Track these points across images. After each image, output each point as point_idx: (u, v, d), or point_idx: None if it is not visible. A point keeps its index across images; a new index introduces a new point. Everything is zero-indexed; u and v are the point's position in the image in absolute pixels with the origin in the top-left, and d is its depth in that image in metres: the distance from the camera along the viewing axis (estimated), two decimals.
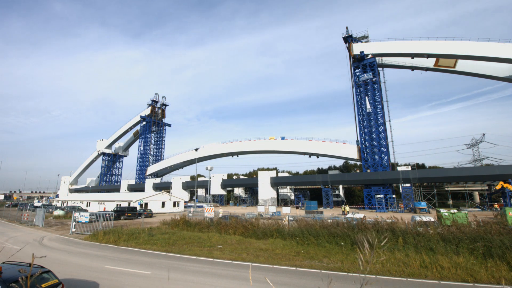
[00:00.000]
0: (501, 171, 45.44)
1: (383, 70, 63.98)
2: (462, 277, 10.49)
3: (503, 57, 43.60)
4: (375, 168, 55.95)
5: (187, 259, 14.23)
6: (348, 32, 62.34)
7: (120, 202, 48.50)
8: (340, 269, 11.87)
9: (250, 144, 77.87)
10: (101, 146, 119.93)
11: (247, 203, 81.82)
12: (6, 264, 7.26)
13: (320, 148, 65.79)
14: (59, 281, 7.45)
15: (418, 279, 10.49)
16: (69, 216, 36.06)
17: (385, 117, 59.32)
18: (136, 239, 18.96)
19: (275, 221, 22.33)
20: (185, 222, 23.87)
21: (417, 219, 20.56)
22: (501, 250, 12.11)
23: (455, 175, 49.64)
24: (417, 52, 52.95)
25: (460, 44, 48.02)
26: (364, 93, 60.08)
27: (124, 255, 15.26)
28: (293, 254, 14.48)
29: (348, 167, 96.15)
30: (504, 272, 10.64)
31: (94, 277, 10.72)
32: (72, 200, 64.41)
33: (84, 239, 20.41)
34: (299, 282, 10.32)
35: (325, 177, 61.36)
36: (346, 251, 14.43)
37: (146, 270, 12.02)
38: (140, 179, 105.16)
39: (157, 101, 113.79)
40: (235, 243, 17.36)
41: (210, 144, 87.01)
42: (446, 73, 58.18)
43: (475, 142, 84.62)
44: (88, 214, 28.94)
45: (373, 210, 52.18)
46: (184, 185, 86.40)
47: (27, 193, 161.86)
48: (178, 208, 54.45)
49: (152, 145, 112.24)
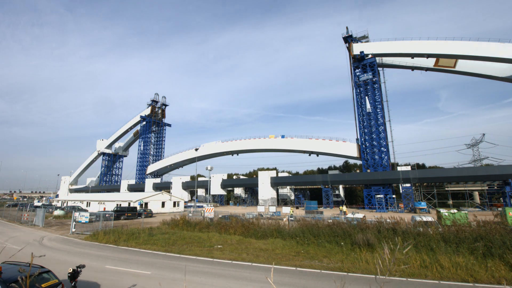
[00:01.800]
0: (501, 171, 45.43)
1: (383, 70, 64.00)
2: (462, 277, 10.48)
3: (503, 57, 43.60)
4: (375, 168, 55.93)
5: (187, 259, 14.22)
6: (348, 32, 62.34)
7: (120, 202, 48.47)
8: (340, 269, 11.85)
9: (250, 143, 77.88)
10: (101, 146, 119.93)
11: (247, 203, 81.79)
12: (6, 264, 7.25)
13: (320, 146, 65.81)
14: (59, 281, 7.44)
15: (418, 279, 10.48)
16: (69, 216, 36.04)
17: (385, 117, 59.34)
18: (136, 239, 18.95)
19: (275, 221, 22.32)
20: (185, 222, 23.86)
21: (417, 219, 20.54)
22: (501, 250, 12.10)
23: (455, 175, 49.64)
24: (417, 52, 52.97)
25: (460, 44, 48.01)
26: (364, 93, 60.08)
27: (124, 255, 15.25)
28: (293, 254, 14.46)
29: (348, 167, 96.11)
30: (504, 272, 10.62)
31: (94, 277, 10.71)
32: (72, 200, 64.41)
33: (84, 239, 20.39)
34: (299, 282, 10.31)
35: (325, 177, 61.35)
36: (346, 251, 14.41)
37: (146, 270, 12.01)
38: (140, 179, 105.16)
39: (157, 101, 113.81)
40: (235, 243, 17.35)
41: (210, 143, 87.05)
42: (446, 73, 58.19)
43: (475, 142, 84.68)
44: (88, 214, 28.92)
45: (373, 210, 52.15)
46: (184, 185, 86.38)
47: (27, 193, 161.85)
48: (178, 208, 54.44)
49: (152, 145, 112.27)
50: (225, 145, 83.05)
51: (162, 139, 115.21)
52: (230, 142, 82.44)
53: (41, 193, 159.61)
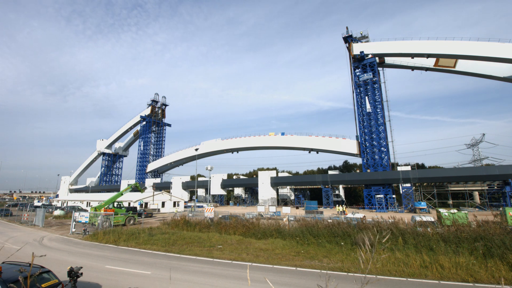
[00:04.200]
0: (501, 171, 45.42)
1: (383, 70, 63.97)
2: (462, 277, 10.48)
3: (503, 57, 43.57)
4: (375, 168, 55.92)
5: (187, 259, 14.22)
6: (348, 32, 62.31)
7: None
8: (340, 269, 11.86)
9: (250, 140, 77.90)
10: (101, 146, 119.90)
11: (247, 203, 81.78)
12: (6, 264, 7.25)
13: (320, 143, 65.81)
14: (59, 281, 7.44)
15: (418, 279, 10.48)
16: (69, 216, 36.04)
17: (385, 117, 59.32)
18: (136, 239, 18.96)
19: (275, 221, 22.32)
20: (185, 222, 23.87)
21: (417, 219, 20.54)
22: (501, 250, 12.09)
23: (455, 175, 49.62)
24: (417, 52, 52.94)
25: (460, 44, 48.00)
26: (364, 93, 60.06)
27: (124, 255, 15.25)
28: (293, 254, 14.47)
29: (348, 167, 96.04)
30: (504, 272, 10.62)
31: (94, 277, 10.71)
32: (72, 200, 64.41)
33: (84, 239, 20.41)
34: (299, 282, 10.31)
35: (325, 177, 61.32)
36: (346, 251, 14.42)
37: (146, 270, 12.01)
38: (140, 179, 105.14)
39: (157, 101, 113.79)
40: (235, 243, 17.35)
41: (211, 141, 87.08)
42: (446, 73, 58.17)
43: (475, 142, 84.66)
44: (88, 214, 28.89)
45: (373, 210, 52.15)
46: (184, 185, 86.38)
47: (27, 193, 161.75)
48: (178, 208, 54.43)
49: (152, 145, 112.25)
50: (225, 142, 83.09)
51: (162, 139, 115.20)
52: (230, 139, 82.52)
53: (41, 193, 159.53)
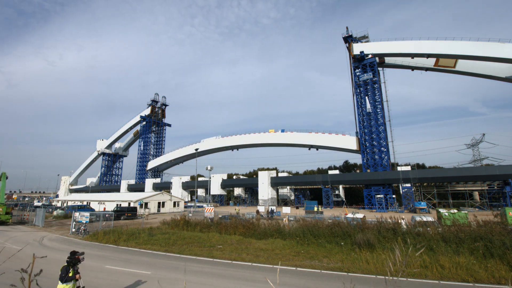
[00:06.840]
0: (501, 171, 45.42)
1: (383, 70, 63.98)
2: (462, 277, 10.48)
3: (503, 57, 43.56)
4: (375, 168, 55.92)
5: (187, 259, 14.22)
6: (348, 32, 62.32)
7: (120, 202, 48.47)
8: (340, 269, 11.85)
9: (250, 138, 77.89)
10: (101, 146, 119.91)
11: (247, 203, 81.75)
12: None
13: (319, 140, 65.83)
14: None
15: (418, 279, 10.48)
16: (69, 216, 36.04)
17: (385, 117, 59.32)
18: (136, 239, 18.96)
19: (275, 221, 22.32)
20: (185, 222, 23.86)
21: (417, 219, 20.54)
22: (501, 250, 12.09)
23: (455, 175, 49.61)
24: (417, 52, 52.92)
25: (460, 44, 47.98)
26: (364, 93, 60.07)
27: (124, 255, 15.25)
28: (293, 254, 14.46)
29: (348, 167, 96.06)
30: (504, 272, 10.62)
31: (94, 277, 10.72)
32: (72, 200, 64.38)
33: (84, 239, 20.42)
34: (299, 282, 10.31)
35: (325, 177, 61.31)
36: (346, 251, 14.41)
37: (146, 270, 12.01)
38: (140, 179, 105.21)
39: (157, 101, 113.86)
40: (235, 243, 17.35)
41: (211, 138, 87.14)
42: (446, 73, 58.16)
43: (475, 142, 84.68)
44: (88, 214, 28.93)
45: (373, 210, 52.15)
46: (184, 185, 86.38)
47: (27, 193, 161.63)
48: (178, 208, 54.44)
49: (152, 145, 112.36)
50: (225, 140, 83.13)
51: (162, 139, 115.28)
52: (230, 137, 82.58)
53: (41, 193, 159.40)
